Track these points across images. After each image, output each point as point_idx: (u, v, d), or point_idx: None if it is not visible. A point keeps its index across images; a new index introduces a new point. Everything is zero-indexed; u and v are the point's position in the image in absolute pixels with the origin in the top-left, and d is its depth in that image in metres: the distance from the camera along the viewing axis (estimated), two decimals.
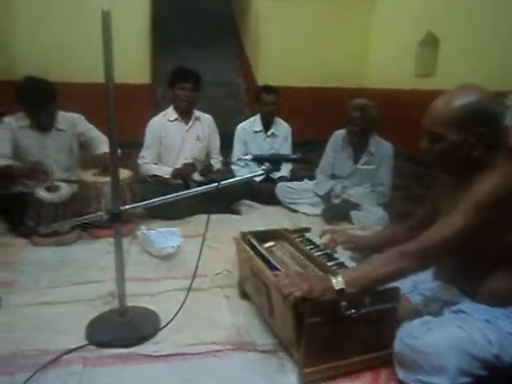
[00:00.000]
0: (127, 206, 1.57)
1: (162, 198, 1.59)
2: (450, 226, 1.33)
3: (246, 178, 1.61)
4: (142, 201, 2.88)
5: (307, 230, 1.95)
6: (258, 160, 1.55)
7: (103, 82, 1.35)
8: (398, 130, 4.33)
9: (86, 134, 2.78)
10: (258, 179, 3.52)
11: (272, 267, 1.53)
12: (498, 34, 4.02)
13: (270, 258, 1.58)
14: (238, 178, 1.57)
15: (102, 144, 2.71)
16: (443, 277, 1.59)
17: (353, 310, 1.32)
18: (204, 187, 1.56)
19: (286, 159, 1.54)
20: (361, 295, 1.34)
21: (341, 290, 1.31)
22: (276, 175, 3.59)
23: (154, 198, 2.80)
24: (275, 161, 1.53)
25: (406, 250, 1.35)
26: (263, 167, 1.55)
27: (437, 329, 1.33)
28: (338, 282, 1.32)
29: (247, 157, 1.54)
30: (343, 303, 1.31)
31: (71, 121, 2.80)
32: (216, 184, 1.52)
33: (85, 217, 1.63)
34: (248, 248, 1.69)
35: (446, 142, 1.36)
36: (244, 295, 1.87)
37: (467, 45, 4.41)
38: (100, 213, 1.47)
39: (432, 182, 1.71)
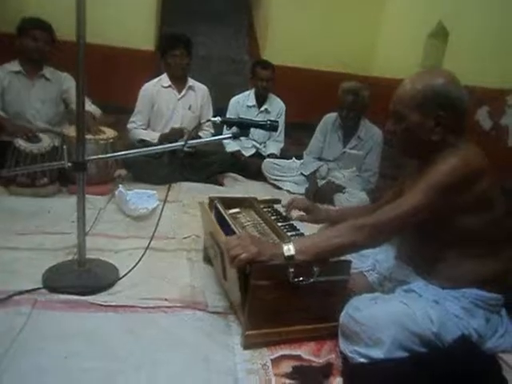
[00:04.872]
0: (92, 157, 1.56)
1: (128, 152, 1.59)
2: (403, 205, 1.34)
3: (213, 139, 1.61)
4: (126, 162, 2.92)
5: (277, 201, 1.95)
6: (227, 123, 1.53)
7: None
8: None
9: (69, 91, 2.79)
10: (247, 154, 3.53)
11: (231, 232, 1.54)
12: (509, 30, 3.93)
13: (230, 222, 1.58)
14: (203, 140, 1.57)
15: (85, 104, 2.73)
16: (402, 257, 1.59)
17: (301, 278, 1.33)
18: (170, 145, 1.55)
19: (254, 124, 1.52)
20: (310, 264, 1.34)
21: (290, 257, 1.31)
22: (266, 152, 3.58)
23: (139, 162, 2.83)
24: (243, 125, 1.52)
25: (359, 224, 1.34)
26: (232, 131, 1.54)
27: (381, 303, 1.34)
28: (288, 249, 1.32)
29: (216, 119, 1.52)
30: (291, 270, 1.31)
31: (59, 77, 2.85)
32: (182, 143, 1.51)
33: (47, 163, 1.63)
34: (209, 212, 1.68)
35: (407, 122, 1.38)
36: (207, 259, 1.88)
37: (476, 39, 4.31)
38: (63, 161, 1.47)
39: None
